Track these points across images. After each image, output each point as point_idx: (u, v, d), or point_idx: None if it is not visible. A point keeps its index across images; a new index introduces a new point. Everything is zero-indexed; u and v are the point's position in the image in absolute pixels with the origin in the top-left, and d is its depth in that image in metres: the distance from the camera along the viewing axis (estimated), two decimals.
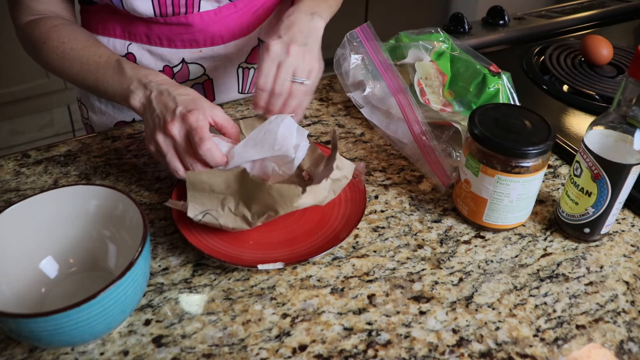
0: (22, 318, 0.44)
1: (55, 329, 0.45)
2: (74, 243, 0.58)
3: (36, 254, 0.56)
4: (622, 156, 0.55)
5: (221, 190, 0.59)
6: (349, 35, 0.82)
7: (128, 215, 0.55)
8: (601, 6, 1.16)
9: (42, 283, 0.56)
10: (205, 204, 0.59)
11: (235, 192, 0.59)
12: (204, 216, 0.58)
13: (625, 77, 0.53)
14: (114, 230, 0.57)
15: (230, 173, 0.59)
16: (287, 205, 0.56)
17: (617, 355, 0.52)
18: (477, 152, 0.59)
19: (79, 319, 0.45)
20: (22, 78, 2.22)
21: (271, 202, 0.56)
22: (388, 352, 0.51)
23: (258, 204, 0.57)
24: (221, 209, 0.59)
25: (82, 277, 0.57)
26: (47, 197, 0.56)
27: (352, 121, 0.83)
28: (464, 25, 1.03)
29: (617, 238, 0.64)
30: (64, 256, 0.58)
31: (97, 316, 0.46)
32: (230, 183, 0.59)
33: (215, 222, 0.58)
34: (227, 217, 0.58)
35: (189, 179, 0.58)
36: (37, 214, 0.56)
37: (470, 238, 0.63)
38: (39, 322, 0.44)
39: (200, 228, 0.61)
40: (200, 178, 0.58)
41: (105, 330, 0.50)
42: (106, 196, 0.56)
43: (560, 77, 0.91)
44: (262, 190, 0.57)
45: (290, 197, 0.56)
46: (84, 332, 0.47)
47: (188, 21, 0.76)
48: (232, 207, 0.59)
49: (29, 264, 0.56)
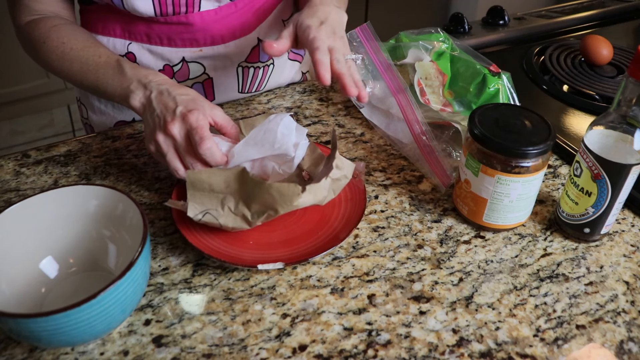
0: (22, 318, 0.44)
1: (55, 329, 0.45)
2: (74, 243, 0.58)
3: (36, 254, 0.56)
4: (622, 156, 0.55)
5: (221, 190, 0.59)
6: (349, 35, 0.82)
7: (128, 215, 0.55)
8: (601, 6, 1.16)
9: (42, 283, 0.56)
10: (205, 204, 0.59)
11: (235, 192, 0.59)
12: (204, 215, 0.58)
13: (625, 77, 0.53)
14: (114, 230, 0.57)
15: (230, 172, 0.59)
16: (287, 204, 0.56)
17: (617, 355, 0.52)
18: (477, 152, 0.59)
19: (79, 319, 0.45)
20: (22, 78, 2.22)
21: (271, 201, 0.56)
22: (388, 352, 0.51)
23: (258, 203, 0.57)
24: (221, 208, 0.59)
25: (82, 277, 0.57)
26: (47, 197, 0.56)
27: (352, 121, 0.83)
28: (464, 25, 1.03)
29: (617, 238, 0.64)
30: (64, 256, 0.58)
31: (97, 316, 0.46)
32: (230, 182, 0.58)
33: (215, 221, 0.58)
34: (227, 216, 0.58)
35: (189, 178, 0.58)
36: (37, 214, 0.55)
37: (470, 238, 0.63)
38: (38, 322, 0.44)
39: (200, 228, 0.61)
40: (200, 177, 0.58)
41: (105, 330, 0.50)
42: (106, 196, 0.56)
43: (560, 77, 0.91)
44: (261, 189, 0.56)
45: (290, 196, 0.56)
46: (84, 332, 0.47)
47: (188, 20, 0.76)
48: (232, 207, 0.59)
49: (29, 264, 0.56)
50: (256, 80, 0.88)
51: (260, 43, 0.85)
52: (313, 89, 0.90)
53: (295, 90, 0.90)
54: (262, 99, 0.87)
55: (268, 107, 0.86)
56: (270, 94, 0.89)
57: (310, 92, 0.90)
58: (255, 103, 0.86)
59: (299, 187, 0.56)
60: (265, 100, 0.87)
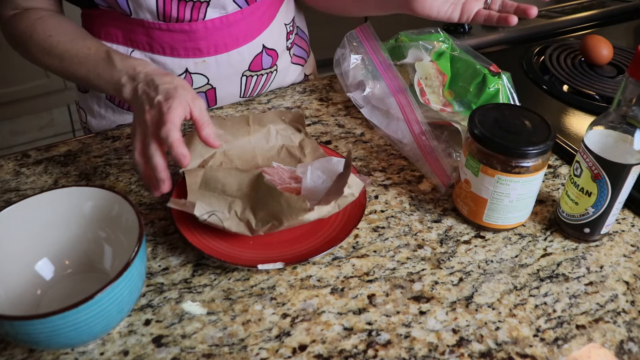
0: (19, 320, 0.44)
1: (53, 331, 0.45)
2: (70, 244, 0.58)
3: (32, 255, 0.56)
4: (622, 156, 0.55)
5: (232, 193, 0.59)
6: (349, 35, 0.82)
7: (124, 216, 0.55)
8: (601, 6, 1.16)
9: (37, 285, 0.56)
10: (213, 205, 0.59)
11: (245, 196, 0.59)
12: (209, 216, 0.58)
13: (625, 77, 0.53)
14: (110, 231, 0.57)
15: (246, 175, 0.59)
16: (292, 217, 0.56)
17: (617, 355, 0.52)
18: (477, 152, 0.59)
19: (77, 320, 0.45)
20: (22, 78, 2.22)
21: (278, 210, 0.57)
22: (388, 352, 0.51)
23: (265, 210, 0.58)
24: (227, 211, 0.59)
25: (78, 278, 0.57)
26: (43, 199, 0.55)
27: (352, 121, 0.83)
28: (464, 25, 1.03)
29: (617, 238, 0.64)
30: (59, 258, 0.57)
31: (95, 317, 0.46)
32: (242, 185, 0.59)
33: (220, 224, 0.58)
34: (232, 220, 0.59)
35: (205, 174, 0.58)
36: (33, 215, 0.55)
37: (470, 238, 0.63)
38: (35, 324, 0.44)
39: (200, 228, 0.61)
40: (216, 175, 0.58)
41: (103, 331, 0.50)
42: (101, 197, 0.56)
43: (560, 77, 0.91)
44: (272, 196, 0.57)
45: (297, 209, 0.56)
46: (82, 333, 0.47)
47: (191, 28, 0.75)
48: (238, 211, 0.59)
49: (24, 266, 0.56)
50: (258, 86, 0.88)
51: (264, 50, 0.84)
52: (313, 89, 0.90)
53: (295, 90, 0.90)
54: (262, 99, 0.87)
55: (268, 107, 0.86)
56: (271, 94, 0.89)
57: (310, 92, 0.90)
58: (255, 103, 0.86)
59: (307, 204, 0.56)
60: (265, 100, 0.87)
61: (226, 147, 0.71)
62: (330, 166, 0.67)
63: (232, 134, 0.71)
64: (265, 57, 0.84)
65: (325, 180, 0.66)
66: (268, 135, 0.72)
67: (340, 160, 0.68)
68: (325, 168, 0.67)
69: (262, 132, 0.72)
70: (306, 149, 0.72)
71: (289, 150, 0.72)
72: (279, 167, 0.69)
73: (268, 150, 0.72)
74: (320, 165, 0.67)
